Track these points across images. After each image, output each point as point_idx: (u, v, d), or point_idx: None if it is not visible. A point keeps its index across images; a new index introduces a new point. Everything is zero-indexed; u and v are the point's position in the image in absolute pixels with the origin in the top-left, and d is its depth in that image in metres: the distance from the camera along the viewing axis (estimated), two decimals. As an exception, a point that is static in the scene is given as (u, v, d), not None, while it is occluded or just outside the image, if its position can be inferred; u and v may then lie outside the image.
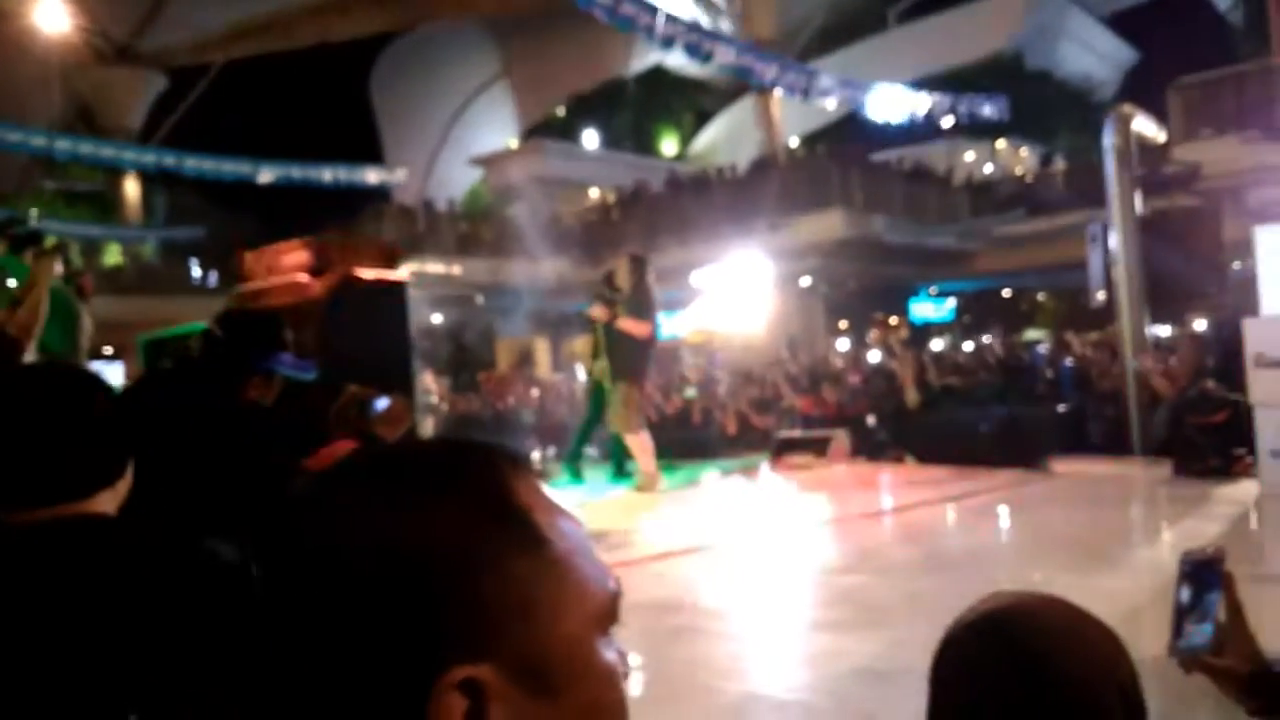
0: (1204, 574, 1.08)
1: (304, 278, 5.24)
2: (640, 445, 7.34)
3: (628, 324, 7.25)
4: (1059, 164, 24.92)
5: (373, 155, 28.93)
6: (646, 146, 32.95)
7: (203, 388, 2.57)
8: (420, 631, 0.51)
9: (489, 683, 0.51)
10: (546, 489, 0.59)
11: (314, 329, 4.71)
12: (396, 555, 0.52)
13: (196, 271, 24.02)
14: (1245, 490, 6.02)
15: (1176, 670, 1.14)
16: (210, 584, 1.33)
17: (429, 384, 9.84)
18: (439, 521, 0.54)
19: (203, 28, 26.87)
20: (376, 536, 0.53)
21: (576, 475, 8.11)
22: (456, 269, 19.58)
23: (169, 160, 20.73)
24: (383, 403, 2.93)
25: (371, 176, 23.30)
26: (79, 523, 1.35)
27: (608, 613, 0.58)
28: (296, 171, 20.98)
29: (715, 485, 8.18)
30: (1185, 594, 1.08)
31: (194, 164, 20.15)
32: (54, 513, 1.34)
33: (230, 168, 20.28)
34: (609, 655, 0.58)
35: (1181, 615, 1.08)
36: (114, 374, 8.17)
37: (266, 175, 20.62)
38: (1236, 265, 9.86)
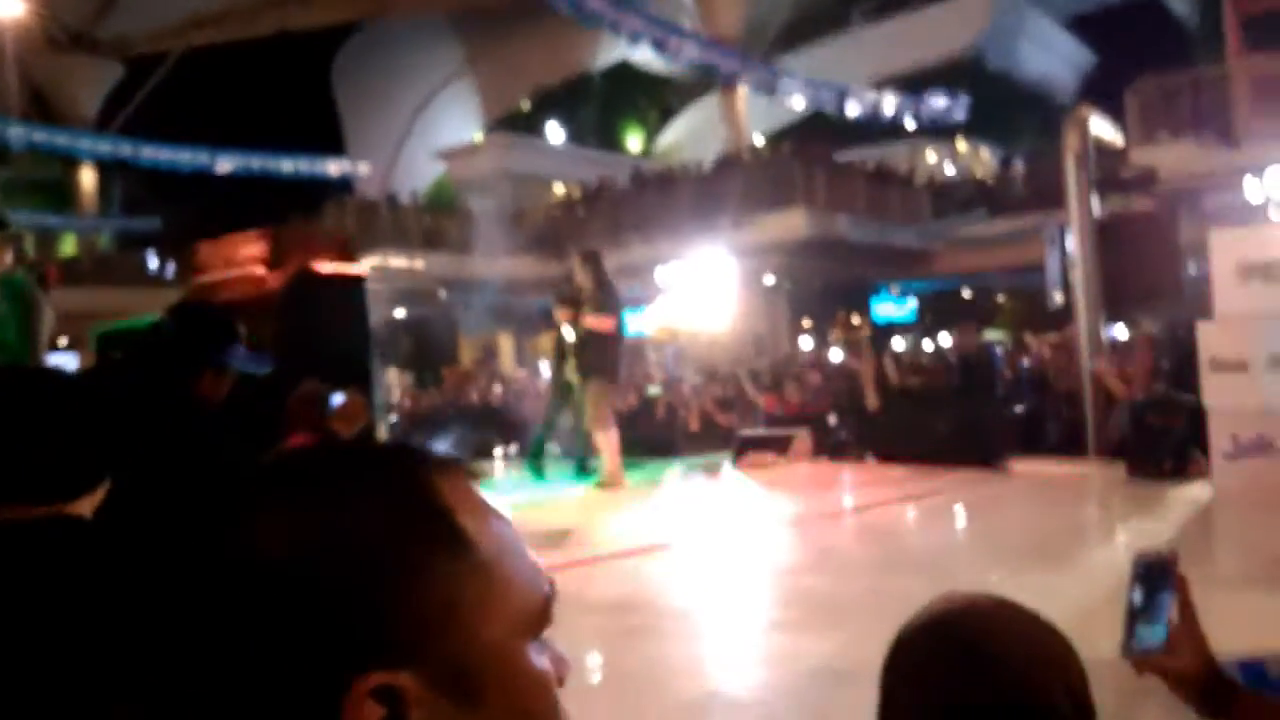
0: (1157, 575, 1.10)
1: (260, 270, 5.16)
2: (608, 443, 7.34)
3: (593, 320, 7.26)
4: (1019, 166, 25.21)
5: (335, 147, 28.61)
6: (611, 142, 32.89)
7: (153, 382, 2.52)
8: (336, 636, 0.50)
9: (407, 689, 0.50)
10: (477, 489, 0.57)
11: (270, 322, 4.64)
12: (312, 558, 0.51)
13: (153, 263, 23.63)
14: (1198, 492, 6.12)
15: (1129, 671, 1.14)
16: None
17: (391, 380, 9.75)
18: (357, 524, 0.52)
19: (161, 16, 26.41)
20: (292, 538, 0.51)
21: (539, 473, 8.09)
22: (420, 263, 19.44)
23: (125, 149, 20.35)
24: (339, 398, 2.89)
25: (333, 168, 23.06)
26: (56, 522, 1.34)
27: (539, 617, 0.56)
28: (256, 162, 20.69)
29: (678, 483, 8.19)
30: (1138, 595, 1.10)
31: (151, 153, 19.80)
32: (34, 512, 1.33)
33: (188, 157, 19.94)
34: (540, 661, 0.55)
35: (1134, 616, 1.09)
36: (68, 366, 8.01)
37: (225, 165, 20.31)
38: (1191, 269, 10.02)
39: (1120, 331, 10.85)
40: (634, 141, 33.95)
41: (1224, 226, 7.15)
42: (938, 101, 19.09)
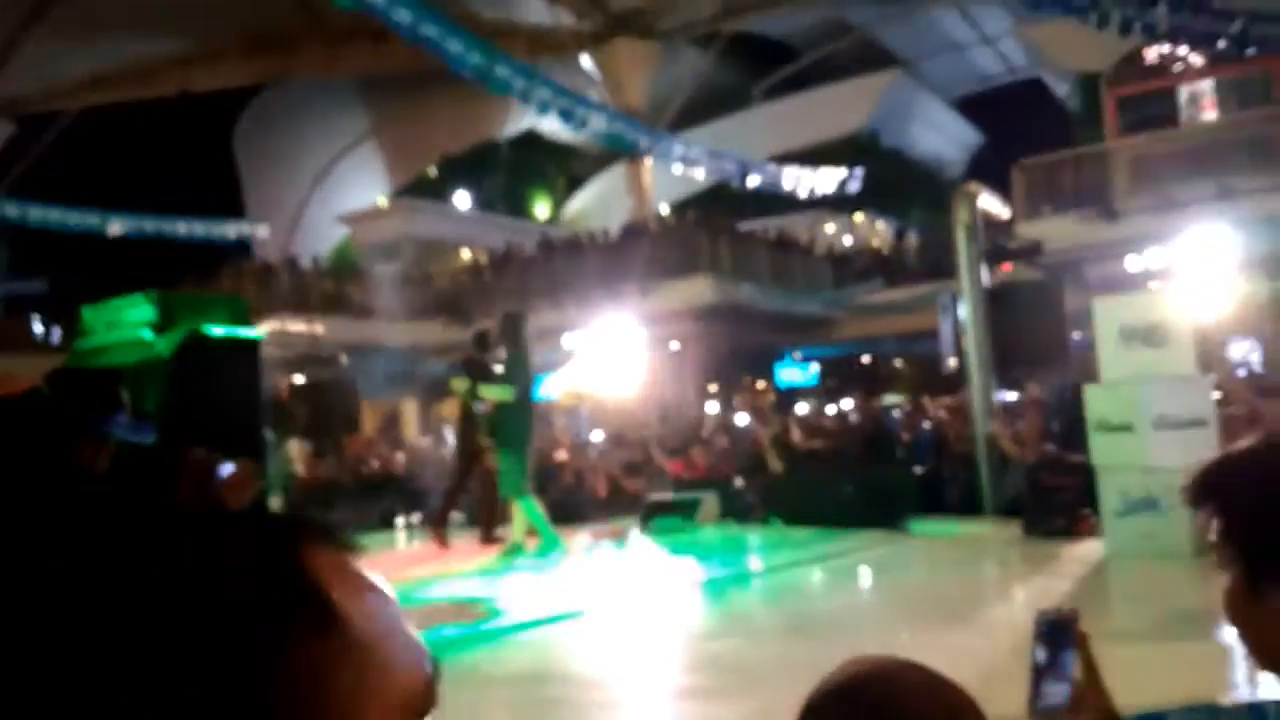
0: (1059, 633, 1.11)
1: (147, 334, 4.96)
2: (522, 512, 7.27)
3: (489, 393, 7.21)
4: (912, 237, 26.17)
5: (234, 210, 28.04)
6: (519, 209, 33.02)
7: (26, 451, 2.37)
8: None
9: None
10: (355, 563, 0.53)
11: (156, 388, 4.45)
12: (161, 639, 0.46)
13: (39, 328, 22.63)
14: (1090, 549, 6.30)
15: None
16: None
17: (292, 452, 9.45)
18: (213, 604, 0.47)
19: (58, 75, 25.71)
20: (138, 618, 0.46)
21: (443, 541, 7.93)
22: (320, 328, 19.05)
23: (11, 210, 19.57)
24: (228, 469, 2.77)
25: (231, 231, 22.55)
26: None
27: (420, 699, 0.52)
28: (150, 224, 20.10)
29: (586, 549, 8.08)
30: (1041, 654, 1.11)
31: (39, 214, 19.06)
32: None
33: (78, 219, 19.26)
34: None
35: (1038, 675, 1.10)
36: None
37: (117, 227, 19.67)
38: (1076, 335, 10.47)
39: (1010, 395, 11.22)
40: (541, 209, 34.17)
41: (1105, 295, 7.50)
42: (836, 174, 19.75)
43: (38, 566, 0.51)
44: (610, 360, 17.25)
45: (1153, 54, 18.32)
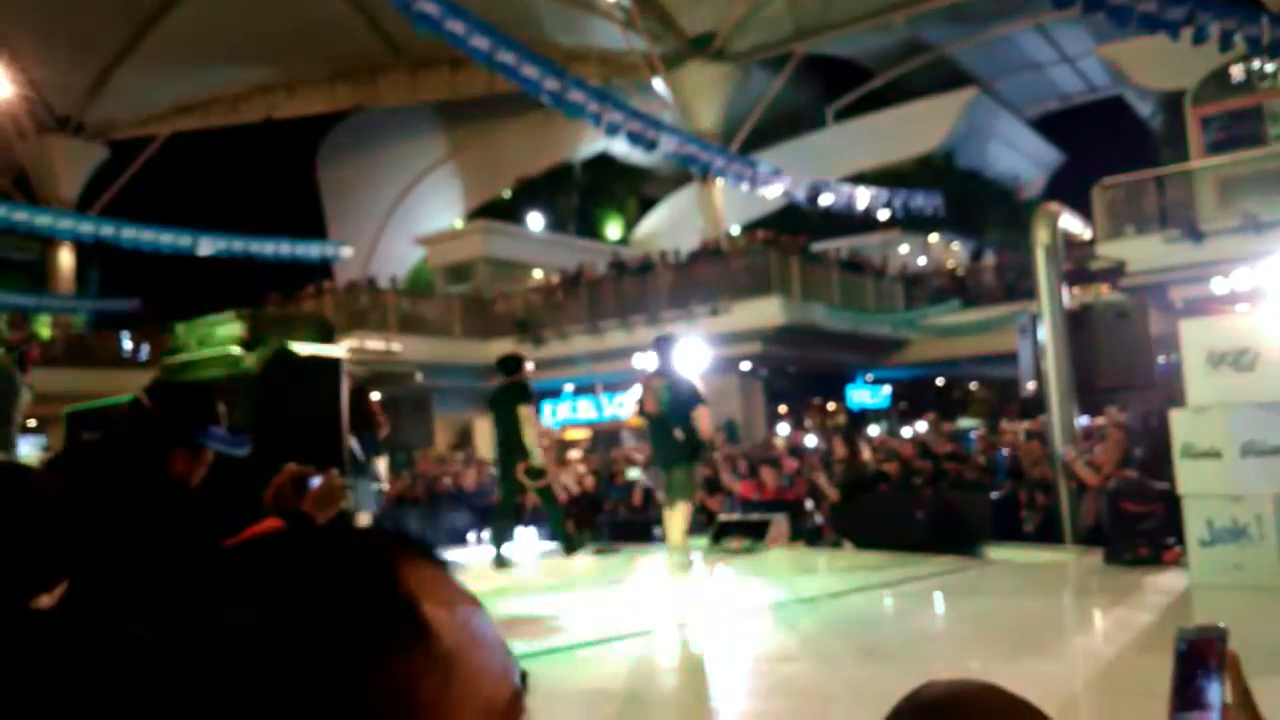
0: (1202, 654, 1.00)
1: (237, 350, 5.14)
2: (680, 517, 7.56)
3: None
4: (989, 258, 25.73)
5: (316, 231, 28.81)
6: (591, 230, 33.33)
7: (124, 462, 2.48)
8: None
9: None
10: (447, 576, 0.56)
11: (246, 403, 4.61)
12: (263, 647, 0.49)
13: (128, 344, 23.48)
14: (1174, 579, 6.11)
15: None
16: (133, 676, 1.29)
17: (380, 471, 9.65)
18: (310, 616, 0.50)
19: (147, 101, 26.78)
20: (243, 626, 0.50)
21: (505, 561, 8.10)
22: (397, 345, 19.43)
23: (107, 230, 20.36)
24: (316, 481, 2.85)
25: (315, 252, 23.15)
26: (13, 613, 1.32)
27: (508, 709, 0.54)
28: (238, 245, 20.73)
29: (654, 568, 8.09)
30: (1182, 674, 1.00)
31: (132, 234, 19.79)
32: None
33: (169, 239, 19.95)
34: None
35: (1179, 700, 1.00)
36: (34, 447, 7.93)
37: (206, 247, 20.32)
38: (1160, 359, 10.18)
39: (1091, 420, 10.95)
40: (613, 229, 34.42)
41: (1194, 317, 7.30)
42: (915, 198, 19.57)
43: (167, 569, 0.56)
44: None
45: (1238, 71, 17.82)
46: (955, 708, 0.98)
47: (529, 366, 8.71)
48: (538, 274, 27.14)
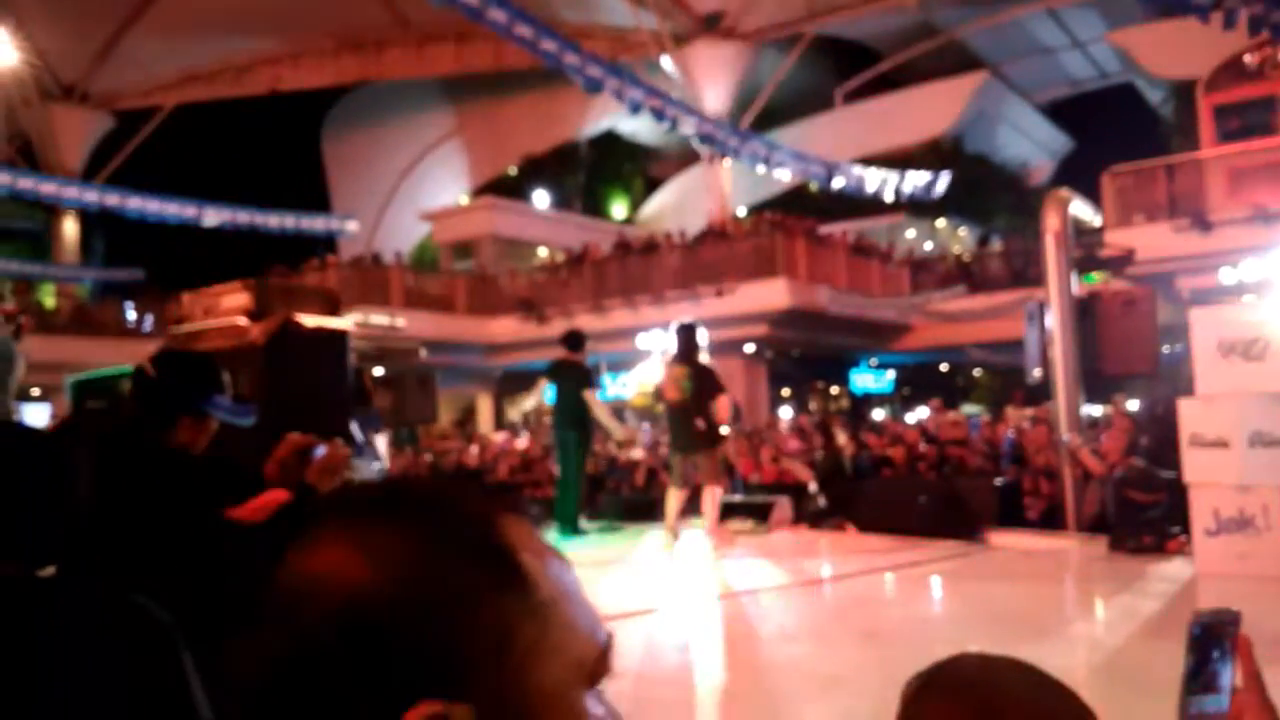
0: (1215, 638, 0.99)
1: (243, 321, 5.11)
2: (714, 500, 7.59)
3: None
4: (996, 244, 25.63)
5: (320, 204, 28.75)
6: (596, 209, 33.22)
7: (128, 431, 2.45)
8: (393, 665, 0.50)
9: None
10: (539, 534, 0.57)
11: (251, 373, 4.58)
12: (371, 587, 0.51)
13: (131, 314, 23.46)
14: (1179, 569, 6.10)
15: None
16: (141, 645, 1.28)
17: (381, 448, 9.65)
18: (419, 554, 0.52)
19: (153, 70, 26.65)
20: (351, 568, 0.52)
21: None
22: (401, 321, 19.41)
23: (112, 199, 20.25)
24: (321, 451, 2.83)
25: (320, 225, 23.06)
26: (11, 580, 1.29)
27: (596, 665, 0.55)
28: (243, 216, 20.65)
29: (658, 548, 8.08)
30: (1194, 659, 0.99)
31: (137, 204, 19.67)
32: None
33: (174, 210, 19.86)
34: (594, 710, 0.55)
35: (1191, 682, 0.99)
36: (40, 415, 7.93)
37: (211, 218, 20.25)
38: (1166, 348, 10.15)
39: (1095, 408, 10.92)
40: (619, 209, 34.31)
41: (1202, 306, 7.25)
42: (920, 177, 19.43)
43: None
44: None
45: (1251, 60, 17.67)
46: (989, 683, 0.96)
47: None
48: (543, 252, 27.07)
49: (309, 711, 0.50)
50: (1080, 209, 9.76)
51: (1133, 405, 11.57)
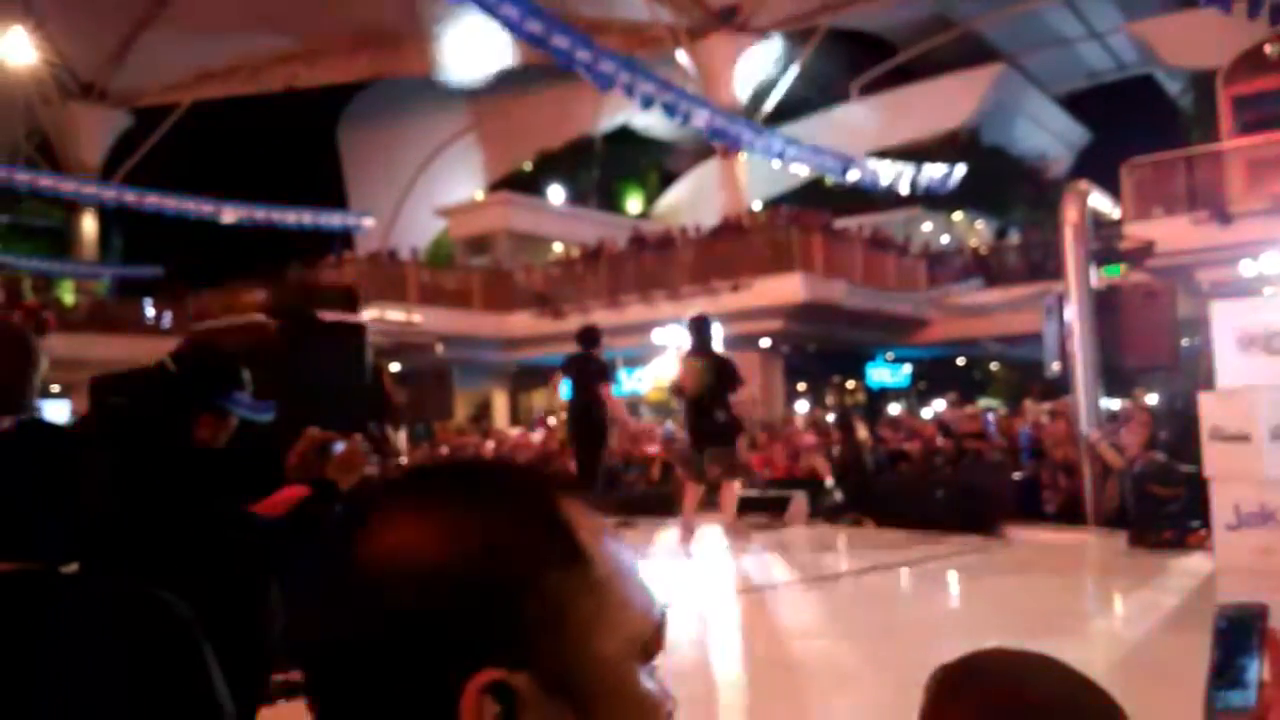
0: (1241, 631, 0.98)
1: (262, 317, 5.13)
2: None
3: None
4: (1013, 237, 25.48)
5: (336, 200, 28.84)
6: (611, 204, 33.20)
7: (149, 428, 2.47)
8: (460, 636, 0.52)
9: (521, 690, 0.52)
10: (595, 514, 0.60)
11: (271, 370, 4.60)
12: (441, 558, 0.54)
13: (150, 311, 23.61)
14: (1200, 564, 6.06)
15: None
16: (161, 640, 1.29)
17: (399, 443, 9.72)
18: (485, 528, 0.55)
19: (170, 69, 26.78)
20: (418, 540, 0.54)
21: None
22: (418, 317, 19.46)
23: (130, 197, 20.38)
24: (340, 447, 2.84)
25: (337, 221, 23.14)
26: (33, 576, 1.31)
27: (651, 641, 0.58)
28: (260, 213, 20.72)
29: (674, 543, 8.08)
30: (1221, 652, 0.98)
31: (155, 201, 19.79)
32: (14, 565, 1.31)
33: (192, 206, 19.96)
34: (649, 685, 0.57)
35: (1217, 676, 0.98)
36: (59, 411, 7.99)
37: (230, 215, 20.32)
38: (1185, 341, 10.06)
39: (1114, 402, 10.85)
40: (634, 203, 34.28)
41: (1222, 299, 7.18)
42: (936, 170, 19.30)
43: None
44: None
45: (1272, 51, 17.48)
46: (1016, 679, 0.95)
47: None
48: (558, 247, 27.08)
49: (382, 679, 0.52)
50: (1099, 201, 9.68)
51: (1151, 399, 11.49)
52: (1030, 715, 0.92)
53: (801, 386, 24.73)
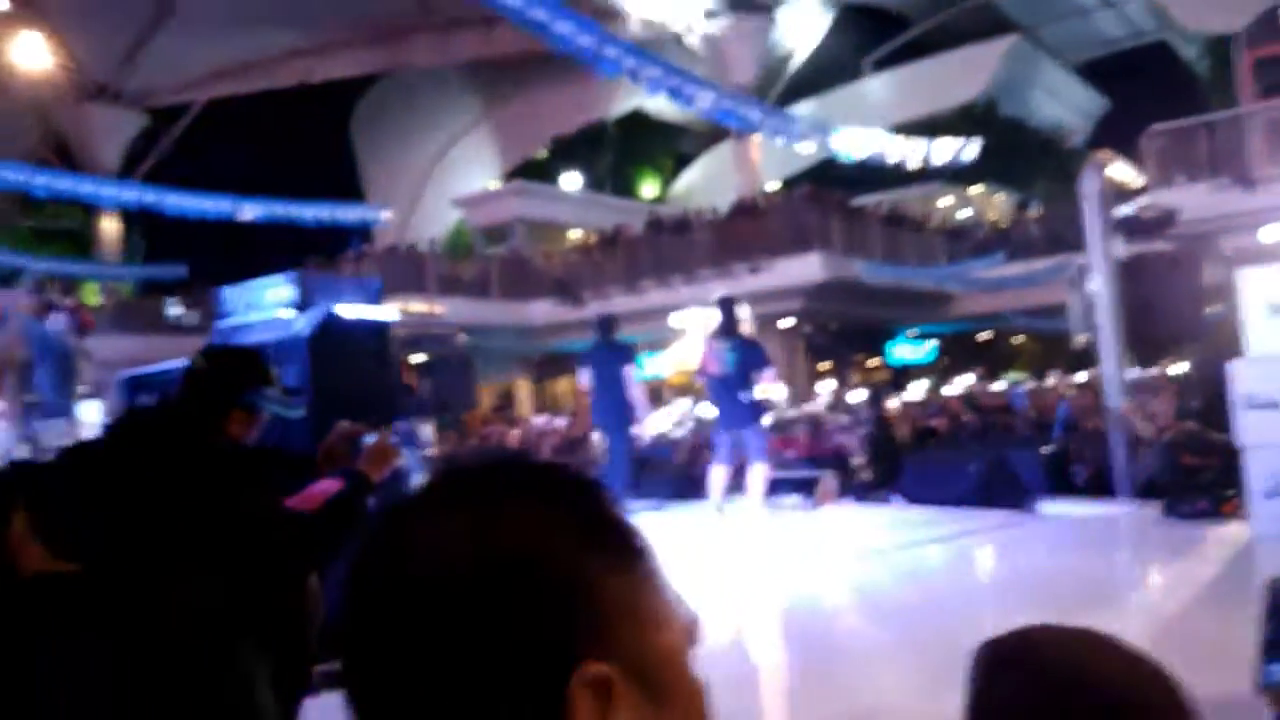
0: None
1: (287, 313, 5.15)
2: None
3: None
4: (1034, 209, 25.23)
5: (353, 194, 28.91)
6: (627, 189, 33.11)
7: (180, 425, 2.48)
8: (554, 628, 0.54)
9: (615, 680, 0.54)
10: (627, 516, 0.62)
11: (297, 365, 4.62)
12: (523, 557, 0.55)
13: (174, 310, 23.76)
14: (1236, 532, 5.99)
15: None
16: (196, 634, 1.29)
17: (427, 435, 9.74)
18: (557, 529, 0.57)
19: (184, 67, 26.88)
20: (504, 540, 0.56)
21: None
22: (439, 308, 19.51)
23: (149, 197, 20.49)
24: (370, 440, 2.85)
25: (355, 215, 23.20)
26: (71, 576, 1.32)
27: (693, 632, 0.61)
28: (279, 209, 20.80)
29: (702, 525, 8.08)
30: (1274, 623, 0.96)
31: (175, 201, 19.90)
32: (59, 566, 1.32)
33: (211, 205, 20.06)
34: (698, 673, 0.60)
35: (1271, 646, 0.96)
36: (91, 411, 8.06)
37: (249, 212, 20.40)
38: (1209, 309, 9.92)
39: (1141, 372, 10.73)
40: (649, 188, 34.18)
41: (1248, 266, 7.07)
42: (952, 144, 19.14)
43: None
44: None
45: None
46: (1066, 658, 0.92)
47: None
48: (575, 234, 27.06)
49: (480, 674, 0.54)
50: (1121, 170, 9.56)
51: (1178, 369, 11.37)
52: (1085, 691, 0.89)
53: (824, 366, 24.63)
